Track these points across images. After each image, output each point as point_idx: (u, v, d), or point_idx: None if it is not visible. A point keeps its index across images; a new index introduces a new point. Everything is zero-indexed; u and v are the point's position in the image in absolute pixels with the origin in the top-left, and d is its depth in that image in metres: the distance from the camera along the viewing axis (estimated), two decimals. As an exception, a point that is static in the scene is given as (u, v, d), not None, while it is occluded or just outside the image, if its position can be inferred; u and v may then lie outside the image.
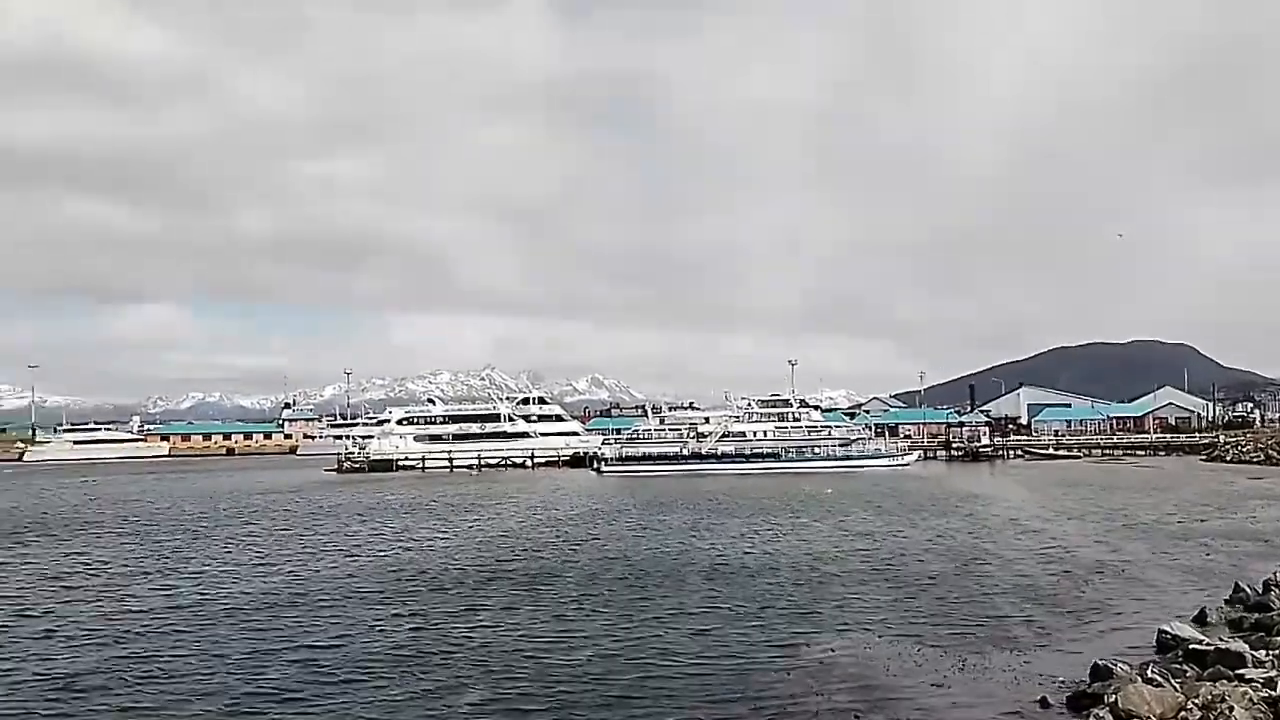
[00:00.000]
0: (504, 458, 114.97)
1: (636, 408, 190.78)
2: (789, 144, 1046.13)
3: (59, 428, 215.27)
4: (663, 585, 27.96)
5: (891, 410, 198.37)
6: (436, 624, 22.95)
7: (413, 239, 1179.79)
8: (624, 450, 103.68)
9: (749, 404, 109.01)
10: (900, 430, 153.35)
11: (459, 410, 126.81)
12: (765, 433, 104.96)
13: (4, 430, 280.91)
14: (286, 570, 32.51)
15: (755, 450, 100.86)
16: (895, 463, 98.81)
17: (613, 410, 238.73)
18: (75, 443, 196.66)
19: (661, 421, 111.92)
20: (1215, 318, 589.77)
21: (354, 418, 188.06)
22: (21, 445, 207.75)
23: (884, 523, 44.55)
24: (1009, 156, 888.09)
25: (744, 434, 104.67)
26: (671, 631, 21.76)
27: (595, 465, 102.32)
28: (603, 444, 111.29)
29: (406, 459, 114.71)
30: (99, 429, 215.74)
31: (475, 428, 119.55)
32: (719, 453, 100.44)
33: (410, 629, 22.43)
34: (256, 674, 18.66)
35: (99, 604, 26.47)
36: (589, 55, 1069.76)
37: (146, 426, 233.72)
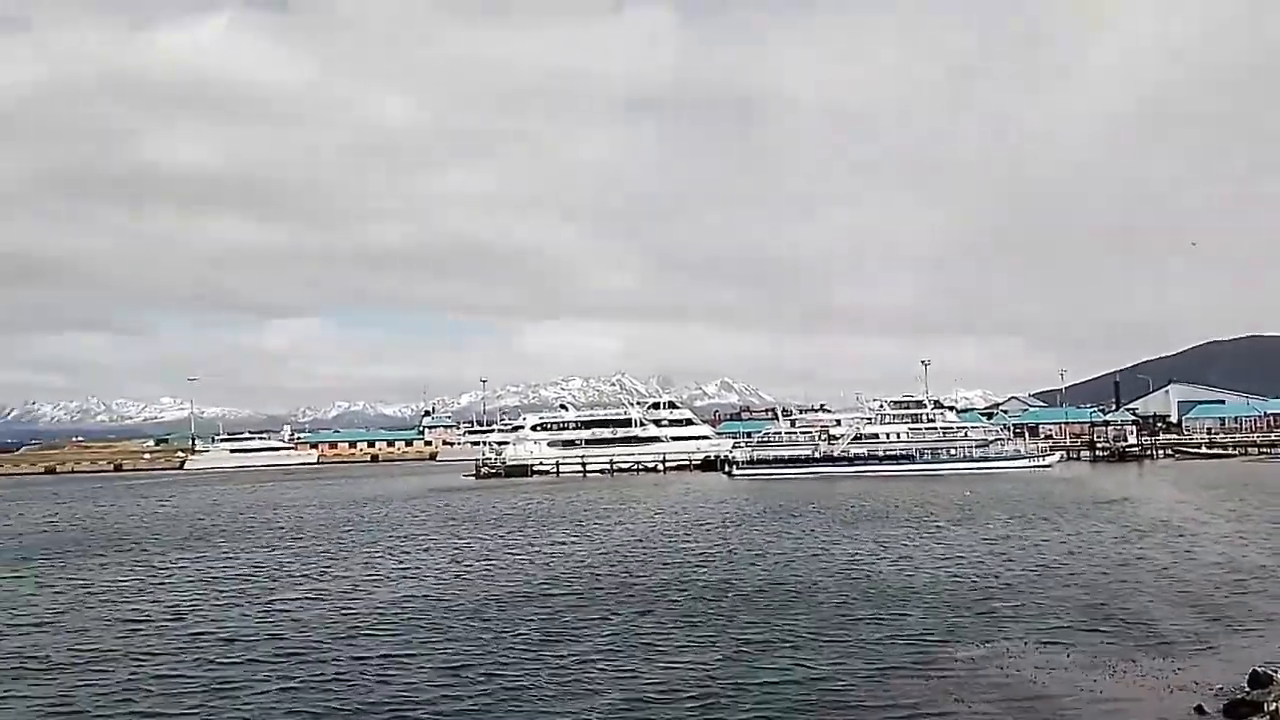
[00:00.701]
0: (636, 462, 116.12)
1: (766, 411, 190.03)
2: (901, 143, 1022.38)
3: (216, 437, 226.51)
4: (797, 591, 27.87)
5: (1031, 410, 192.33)
6: (572, 632, 23.32)
7: (537, 247, 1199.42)
8: (755, 453, 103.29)
9: (881, 405, 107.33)
10: (1041, 430, 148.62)
11: (591, 416, 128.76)
12: (898, 434, 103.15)
13: (166, 440, 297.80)
14: (427, 575, 33.53)
15: (888, 452, 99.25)
16: (1036, 464, 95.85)
17: (742, 413, 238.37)
18: (232, 451, 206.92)
19: (792, 424, 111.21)
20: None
21: (490, 424, 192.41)
22: (182, 454, 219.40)
23: (1026, 526, 43.40)
24: (1134, 145, 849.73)
25: (876, 436, 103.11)
26: (806, 638, 21.63)
27: (726, 468, 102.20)
28: (733, 447, 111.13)
29: (541, 464, 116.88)
30: (253, 438, 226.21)
31: (607, 433, 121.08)
32: (851, 455, 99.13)
33: (545, 637, 22.78)
34: (395, 681, 19.22)
35: (248, 608, 27.82)
36: (699, 61, 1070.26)
37: (297, 435, 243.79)
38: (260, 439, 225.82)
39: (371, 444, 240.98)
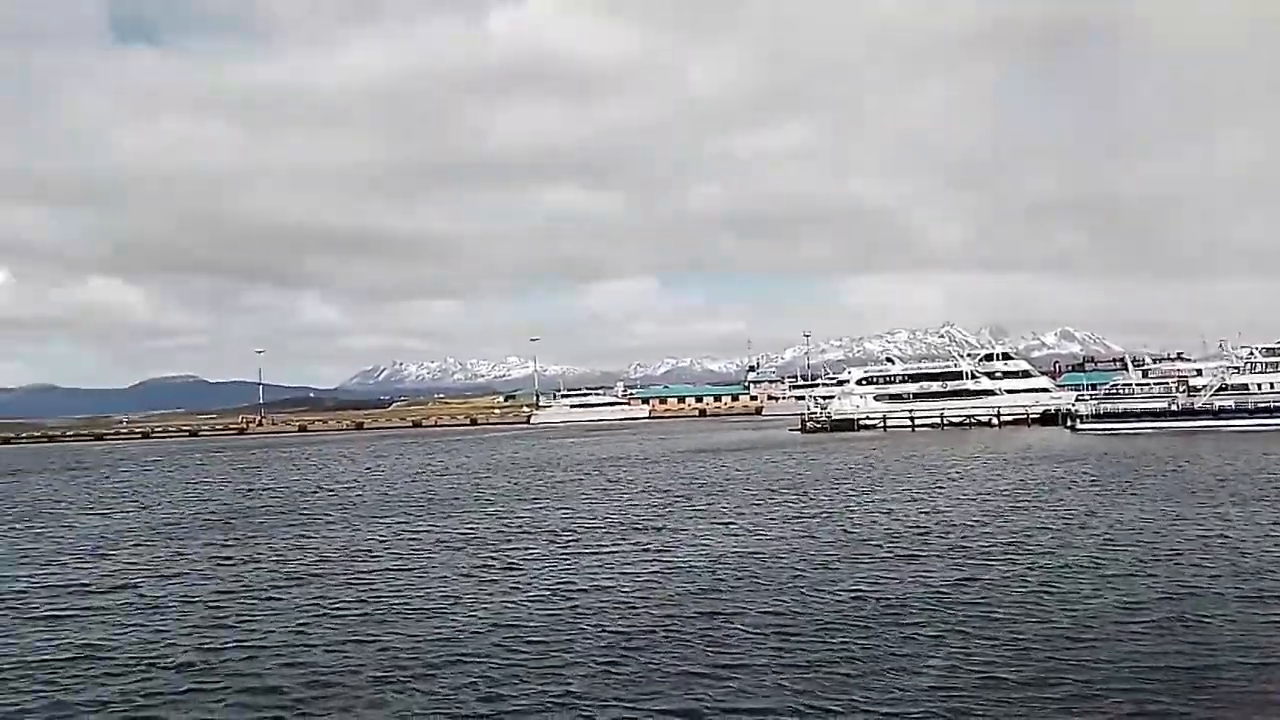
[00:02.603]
0: (968, 416, 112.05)
1: (1113, 361, 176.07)
2: (1254, 73, 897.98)
3: (557, 394, 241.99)
4: (1151, 561, 25.38)
5: None
6: (892, 597, 22.51)
7: (859, 201, 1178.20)
8: (1101, 406, 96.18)
9: (1251, 352, 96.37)
10: None
11: (919, 368, 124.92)
12: (1272, 385, 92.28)
13: (514, 396, 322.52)
14: (752, 530, 33.63)
15: (1260, 404, 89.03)
16: None
17: (1086, 364, 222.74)
18: (571, 407, 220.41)
19: (1144, 375, 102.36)
20: None
21: (814, 378, 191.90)
22: (528, 409, 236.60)
23: None
24: None
25: (1246, 386, 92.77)
26: (1164, 616, 19.47)
27: (1069, 423, 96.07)
28: (1076, 400, 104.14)
29: (868, 418, 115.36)
30: (590, 394, 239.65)
31: (936, 386, 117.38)
32: (1215, 408, 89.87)
33: (870, 604, 22.17)
34: (711, 638, 19.25)
35: (578, 559, 29.13)
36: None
37: (629, 391, 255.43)
38: (596, 395, 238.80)
39: (699, 399, 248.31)
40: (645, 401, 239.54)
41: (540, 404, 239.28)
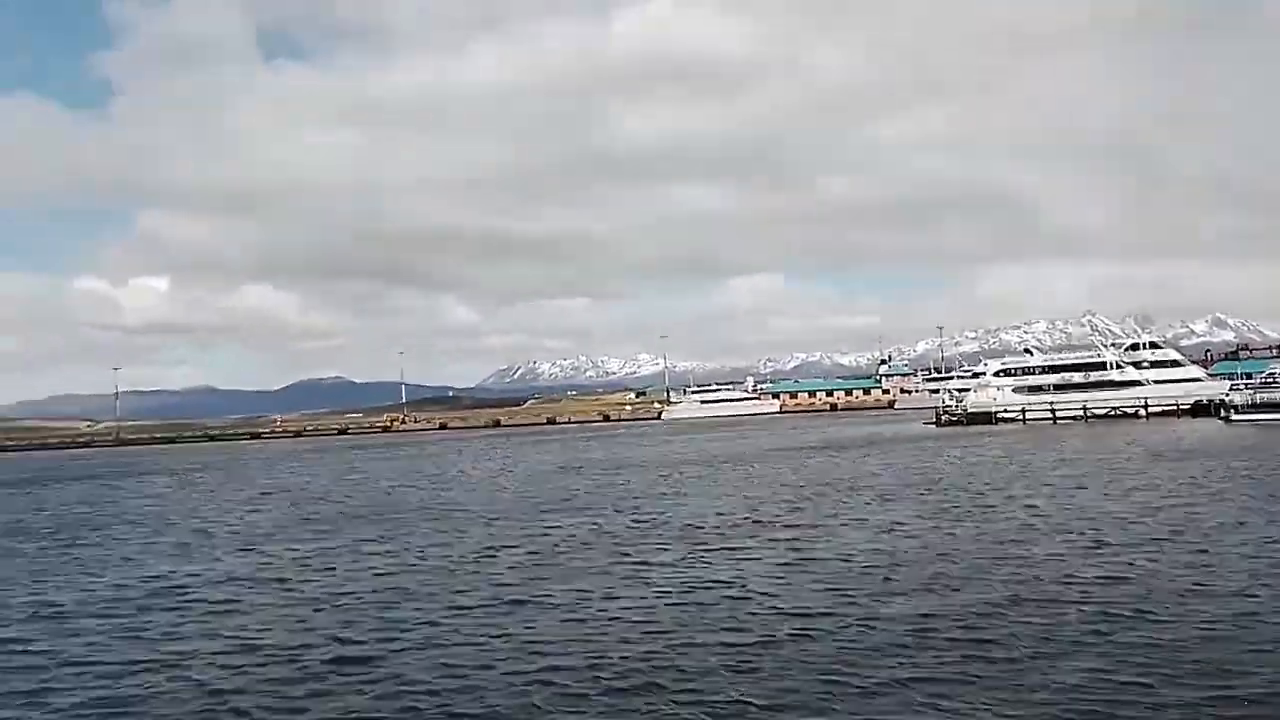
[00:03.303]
0: (1112, 407, 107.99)
1: (1269, 348, 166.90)
2: None
3: (688, 389, 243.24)
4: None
5: None
6: (1037, 596, 21.90)
7: (994, 188, 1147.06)
8: (1257, 396, 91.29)
9: None
10: None
11: (1059, 359, 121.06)
12: None
13: (644, 393, 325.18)
14: (885, 526, 32.96)
15: None
16: None
17: (1240, 352, 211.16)
18: (702, 402, 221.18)
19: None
20: None
21: (948, 371, 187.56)
22: (659, 405, 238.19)
23: None
24: None
25: None
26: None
27: (1222, 414, 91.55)
28: (1230, 390, 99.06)
29: (1006, 411, 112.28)
30: (720, 390, 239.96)
31: (1078, 377, 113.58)
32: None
33: (1006, 603, 21.71)
34: (845, 635, 19.00)
35: (715, 562, 29.04)
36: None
37: (759, 386, 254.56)
38: (727, 390, 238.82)
39: (830, 393, 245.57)
40: (775, 396, 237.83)
41: (671, 400, 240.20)
